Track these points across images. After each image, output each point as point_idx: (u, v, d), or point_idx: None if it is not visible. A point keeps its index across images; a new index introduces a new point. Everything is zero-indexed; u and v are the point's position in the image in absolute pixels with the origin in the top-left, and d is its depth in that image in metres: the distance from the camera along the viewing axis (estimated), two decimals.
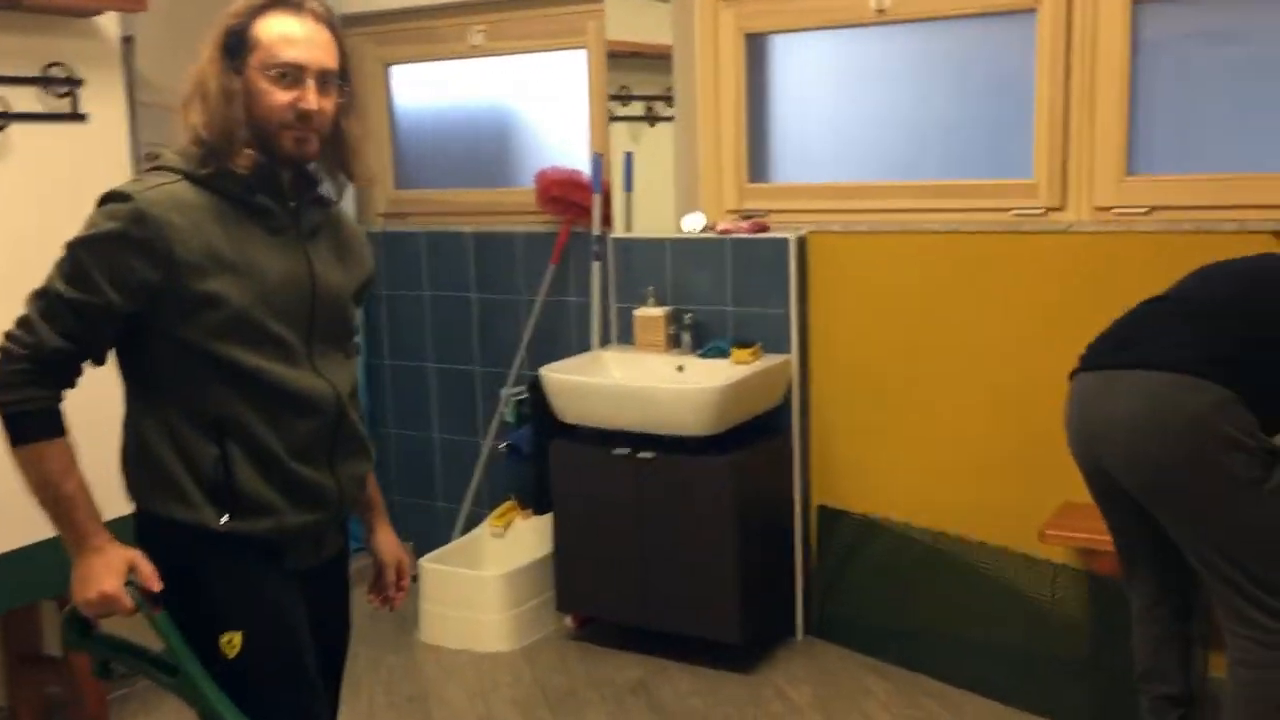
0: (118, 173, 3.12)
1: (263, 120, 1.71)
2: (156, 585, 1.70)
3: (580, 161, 3.75)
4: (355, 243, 1.95)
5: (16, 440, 1.66)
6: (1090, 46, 2.99)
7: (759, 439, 3.31)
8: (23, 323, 1.68)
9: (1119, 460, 2.28)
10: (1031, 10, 3.05)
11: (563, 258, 3.79)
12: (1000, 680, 3.05)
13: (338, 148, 1.81)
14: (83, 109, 3.06)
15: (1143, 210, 2.99)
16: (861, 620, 3.41)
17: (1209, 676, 2.92)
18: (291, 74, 1.71)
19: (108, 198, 1.69)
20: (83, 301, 1.65)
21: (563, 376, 3.31)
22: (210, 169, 1.71)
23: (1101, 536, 2.68)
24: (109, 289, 1.64)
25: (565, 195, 3.68)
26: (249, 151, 1.72)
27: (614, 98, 3.59)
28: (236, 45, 1.71)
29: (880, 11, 3.24)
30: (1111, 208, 3.02)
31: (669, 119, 3.52)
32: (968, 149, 3.28)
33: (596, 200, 3.63)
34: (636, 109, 3.57)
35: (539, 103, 3.97)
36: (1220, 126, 2.94)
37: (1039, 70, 3.06)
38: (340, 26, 1.80)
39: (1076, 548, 3.00)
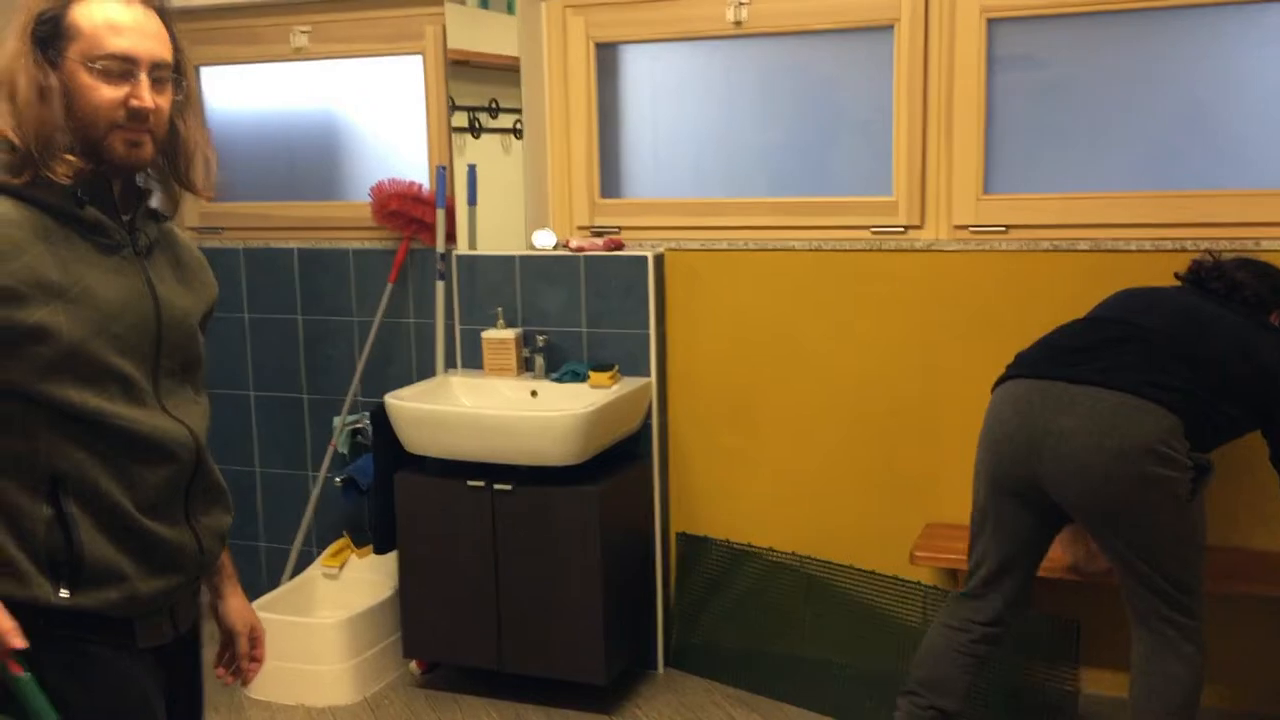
0: None
1: (87, 121, 1.46)
2: (18, 641, 1.40)
3: (417, 174, 3.52)
4: (195, 262, 1.70)
5: None
6: (947, 63, 2.99)
7: (620, 466, 3.17)
8: None
9: (1063, 471, 2.35)
10: (889, 26, 3.03)
11: (401, 276, 3.55)
12: (871, 706, 3.00)
13: (174, 152, 1.57)
14: None
15: (1000, 229, 3.00)
16: (724, 650, 3.31)
17: (1085, 693, 2.96)
18: (120, 67, 1.46)
19: None
20: None
21: (412, 405, 3.08)
22: (24, 178, 1.44)
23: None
24: None
25: (404, 210, 3.44)
26: (69, 158, 1.45)
27: (463, 109, 3.38)
28: (50, 34, 1.45)
29: (737, 24, 3.16)
30: (969, 226, 3.03)
31: (495, 130, 3.34)
32: (827, 166, 3.23)
33: (440, 215, 3.41)
34: (460, 119, 3.37)
35: (371, 111, 3.72)
36: (1076, 145, 2.99)
37: (897, 86, 3.04)
38: (171, 14, 1.55)
39: (946, 568, 2.99)
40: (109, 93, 1.45)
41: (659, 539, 3.33)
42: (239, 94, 3.84)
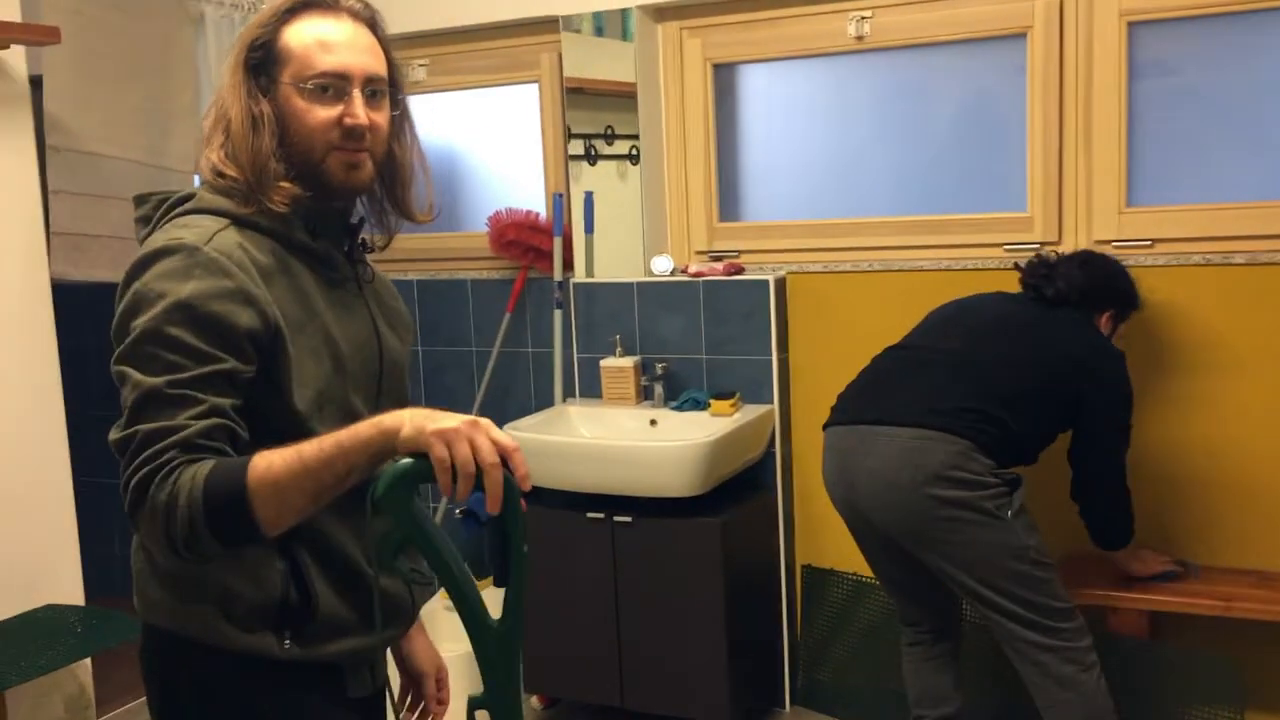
0: (26, 224, 2.80)
1: (303, 145, 1.41)
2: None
3: (532, 203, 3.50)
4: (391, 296, 1.64)
5: (224, 516, 1.25)
6: (1085, 71, 2.83)
7: (743, 497, 3.06)
8: (132, 443, 1.28)
9: (876, 508, 2.48)
10: (1022, 34, 2.89)
11: (519, 306, 3.52)
12: None
13: (390, 176, 1.50)
14: None
15: (1145, 243, 2.82)
16: (853, 687, 3.17)
17: None
18: (333, 85, 1.41)
19: (160, 254, 1.33)
20: (202, 375, 1.29)
21: (528, 435, 3.03)
22: (252, 208, 1.40)
23: (1115, 593, 2.69)
24: (224, 352, 1.31)
25: (522, 239, 3.42)
26: (285, 185, 1.40)
27: (578, 136, 3.35)
28: (263, 61, 1.41)
29: (859, 39, 3.06)
30: (1111, 241, 2.85)
31: (610, 157, 3.29)
32: (956, 182, 3.10)
33: (558, 243, 3.37)
34: (575, 147, 3.33)
35: (487, 141, 3.71)
36: (1227, 152, 2.79)
37: (1030, 97, 2.90)
38: (385, 28, 1.50)
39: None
40: (322, 113, 1.40)
41: (783, 572, 3.22)
42: None
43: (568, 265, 3.39)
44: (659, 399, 3.23)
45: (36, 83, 2.91)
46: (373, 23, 1.49)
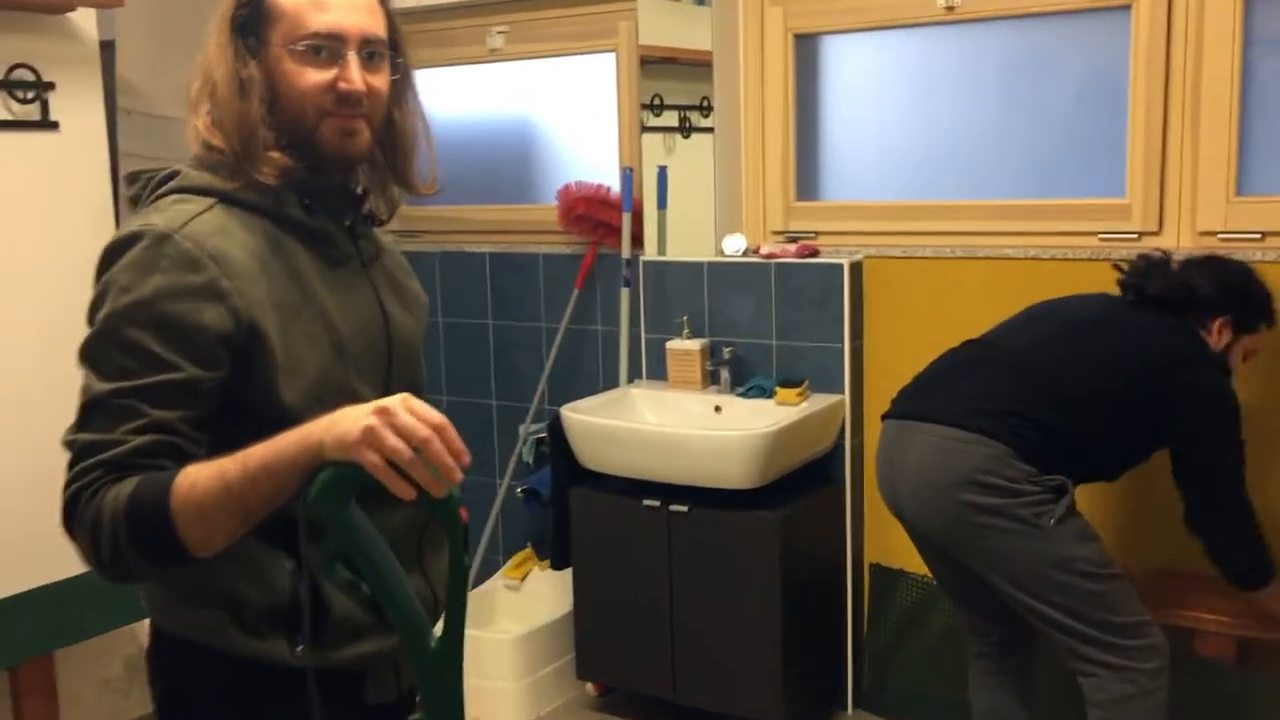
0: (95, 188, 2.80)
1: (294, 110, 1.31)
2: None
3: (608, 176, 3.39)
4: (403, 272, 1.53)
5: (148, 538, 1.18)
6: (1194, 46, 2.60)
7: (807, 490, 2.93)
8: (72, 452, 1.22)
9: (914, 510, 2.35)
10: (1125, 6, 2.66)
11: (588, 282, 3.43)
12: None
13: (390, 144, 1.40)
14: (54, 116, 2.74)
15: (1255, 236, 2.59)
16: (920, 693, 3.02)
17: None
18: (327, 46, 1.30)
19: (128, 242, 1.25)
20: (149, 386, 1.21)
21: (586, 418, 2.94)
22: (239, 182, 1.31)
23: (1196, 614, 2.50)
24: (181, 359, 1.22)
25: (591, 213, 3.32)
26: (274, 155, 1.31)
27: (646, 106, 3.23)
28: (252, 19, 1.31)
29: (949, 9, 2.86)
30: (1217, 233, 2.62)
31: (705, 130, 3.15)
32: (1049, 164, 2.89)
33: (626, 219, 3.27)
34: (670, 119, 3.20)
35: (563, 112, 3.62)
36: None
37: (1133, 74, 2.67)
38: None
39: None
40: (314, 76, 1.30)
41: (850, 570, 3.08)
42: (436, 97, 3.82)
43: (637, 242, 3.28)
44: (725, 384, 3.10)
45: (108, 46, 2.91)
46: None
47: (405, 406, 1.12)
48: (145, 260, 1.24)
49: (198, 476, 1.17)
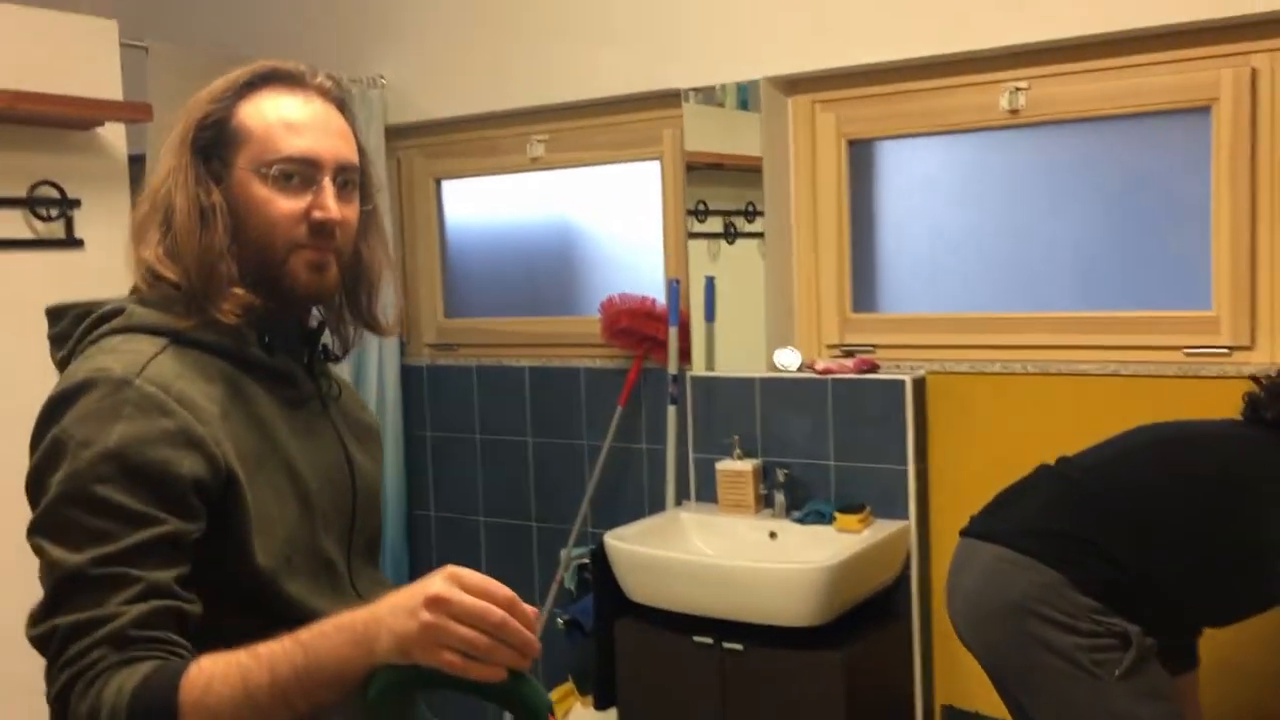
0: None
1: (261, 241, 1.20)
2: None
3: (653, 287, 3.25)
4: (358, 406, 1.42)
5: None
6: None
7: (871, 626, 2.70)
8: (52, 642, 1.05)
9: (969, 640, 2.16)
10: (1205, 108, 2.51)
11: (632, 399, 3.26)
12: None
13: (355, 280, 1.30)
14: (79, 233, 2.65)
15: None
16: None
17: None
18: (300, 172, 1.21)
19: (78, 390, 1.11)
20: (133, 546, 1.05)
21: (630, 547, 2.75)
22: (194, 321, 1.18)
23: None
24: (162, 511, 1.08)
25: (636, 327, 3.16)
26: (237, 292, 1.19)
27: (690, 213, 3.10)
28: (214, 141, 1.20)
29: (1013, 112, 2.72)
30: None
31: (750, 235, 3.01)
32: (1126, 274, 2.71)
33: (673, 333, 3.11)
34: (714, 225, 3.07)
35: (607, 221, 3.50)
36: None
37: (1216, 177, 2.51)
38: (353, 110, 1.29)
39: None
40: (286, 205, 1.20)
41: (920, 713, 2.83)
42: (475, 206, 3.73)
43: (685, 356, 3.12)
44: (780, 508, 2.90)
45: (138, 160, 2.83)
46: (342, 103, 1.28)
47: (460, 585, 0.98)
48: (104, 409, 1.09)
49: (212, 677, 1.00)
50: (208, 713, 0.99)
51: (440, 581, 0.98)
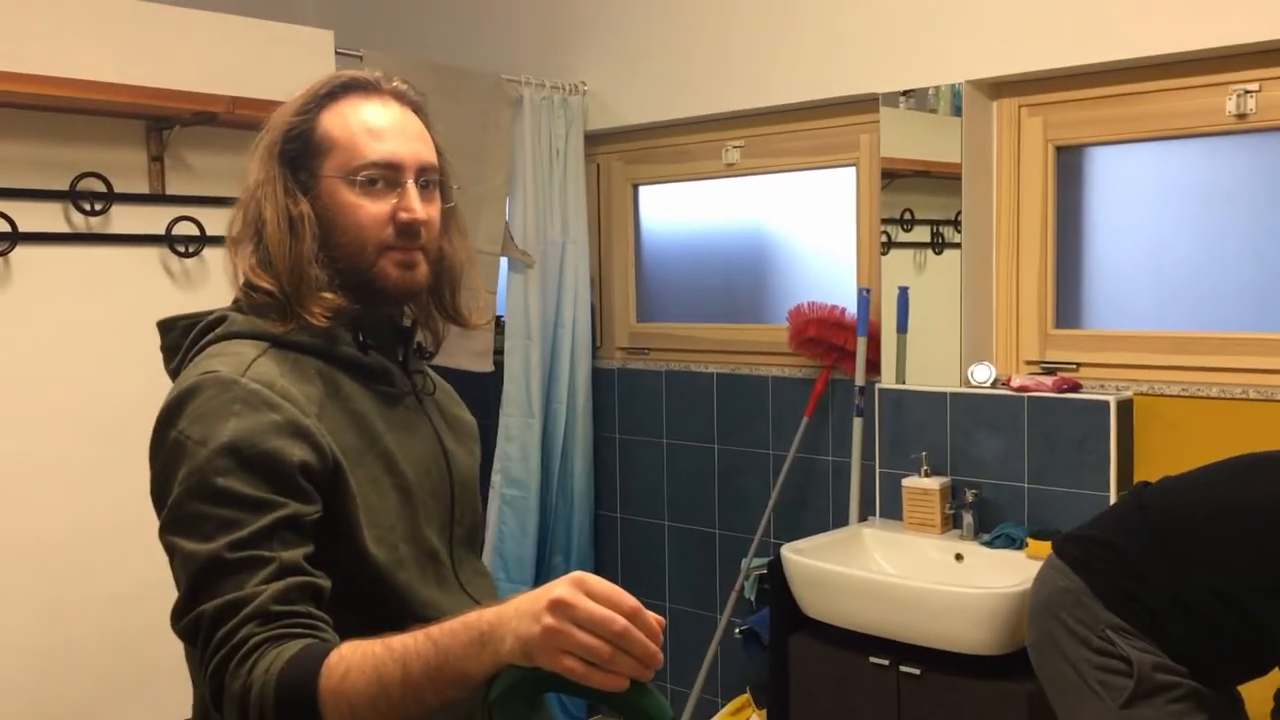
0: None
1: (352, 245, 1.24)
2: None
3: (847, 296, 3.17)
4: (454, 401, 1.46)
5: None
6: None
7: None
8: (201, 627, 1.09)
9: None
10: None
11: (819, 409, 3.19)
12: None
13: (440, 278, 1.34)
14: None
15: None
16: None
17: None
18: (384, 176, 1.25)
19: (189, 393, 1.16)
20: (262, 530, 1.10)
21: (808, 561, 2.69)
22: (290, 325, 1.23)
23: None
24: (282, 496, 1.12)
25: (824, 336, 3.10)
26: (326, 296, 1.24)
27: (895, 221, 3.01)
28: (300, 152, 1.25)
29: (1240, 116, 2.52)
30: None
31: (959, 246, 2.89)
32: None
33: (861, 344, 3.03)
34: (921, 234, 2.97)
35: (801, 227, 3.44)
36: None
37: None
38: (428, 112, 1.33)
39: None
40: (374, 208, 1.25)
41: None
42: (671, 212, 3.74)
43: (873, 368, 3.03)
44: (968, 530, 2.78)
45: None
46: (418, 107, 1.31)
47: (585, 591, 0.97)
48: (215, 408, 1.14)
49: (350, 665, 1.02)
50: (344, 701, 1.02)
51: (565, 586, 0.97)
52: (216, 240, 2.63)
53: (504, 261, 3.44)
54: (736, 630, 3.19)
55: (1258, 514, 1.89)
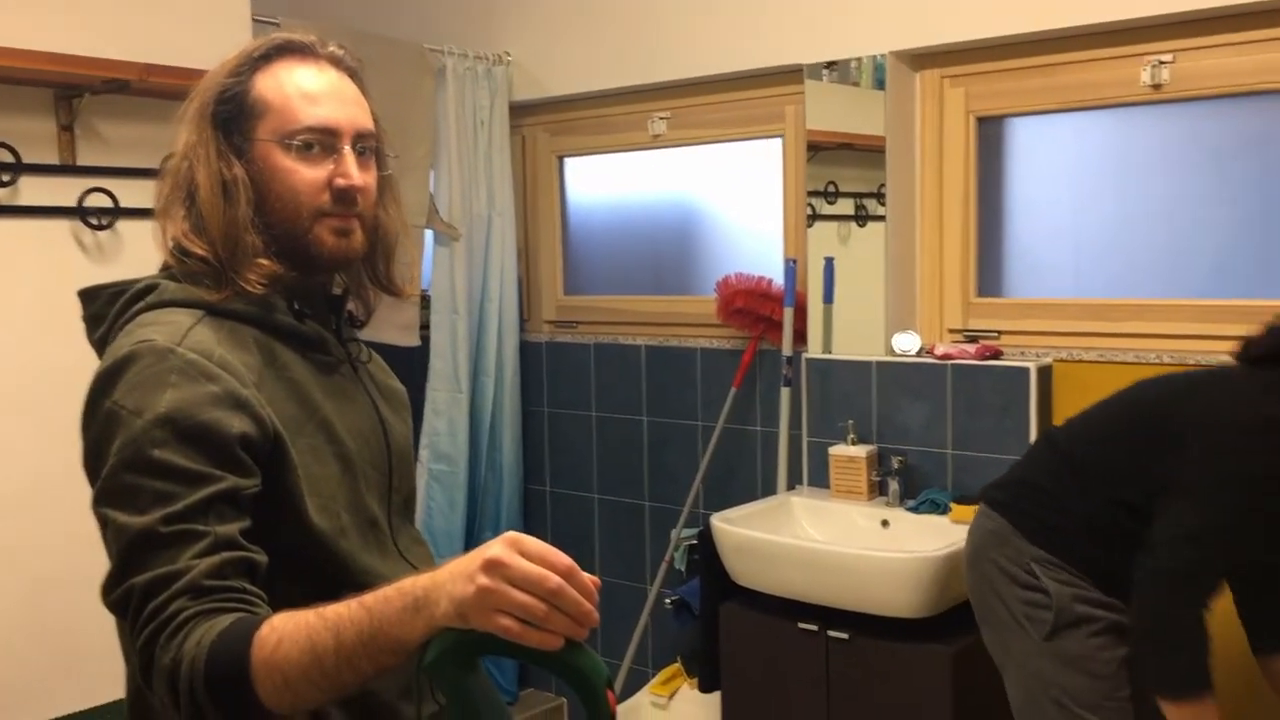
0: None
1: (287, 212, 1.22)
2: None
3: (774, 268, 3.19)
4: (385, 372, 1.45)
5: (227, 702, 1.02)
6: None
7: None
8: (130, 601, 1.07)
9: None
10: None
11: (747, 380, 3.21)
12: None
13: (373, 247, 1.32)
14: None
15: None
16: None
17: None
18: (320, 141, 1.23)
19: (124, 363, 1.13)
20: (198, 503, 1.08)
21: (737, 530, 2.71)
22: (225, 293, 1.21)
23: None
24: (219, 469, 1.10)
25: (752, 307, 3.11)
26: (262, 263, 1.21)
27: (820, 194, 3.02)
28: (234, 114, 1.22)
29: (1155, 87, 2.57)
30: None
31: (882, 218, 2.92)
32: (1267, 262, 2.54)
33: (788, 314, 3.05)
34: (845, 207, 2.99)
35: (728, 200, 3.45)
36: None
37: None
38: (364, 78, 1.31)
39: None
40: (309, 174, 1.23)
41: None
42: (597, 183, 3.72)
43: (800, 338, 3.06)
44: (894, 496, 2.82)
45: None
46: (354, 73, 1.29)
47: (519, 550, 0.96)
48: (151, 378, 1.11)
49: (283, 636, 1.01)
50: (277, 672, 1.00)
51: (500, 546, 0.97)
52: (130, 213, 2.57)
53: (429, 235, 3.40)
54: (667, 600, 3.20)
55: (1139, 418, 1.99)
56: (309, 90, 1.23)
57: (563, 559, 0.97)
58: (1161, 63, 2.55)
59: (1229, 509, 1.82)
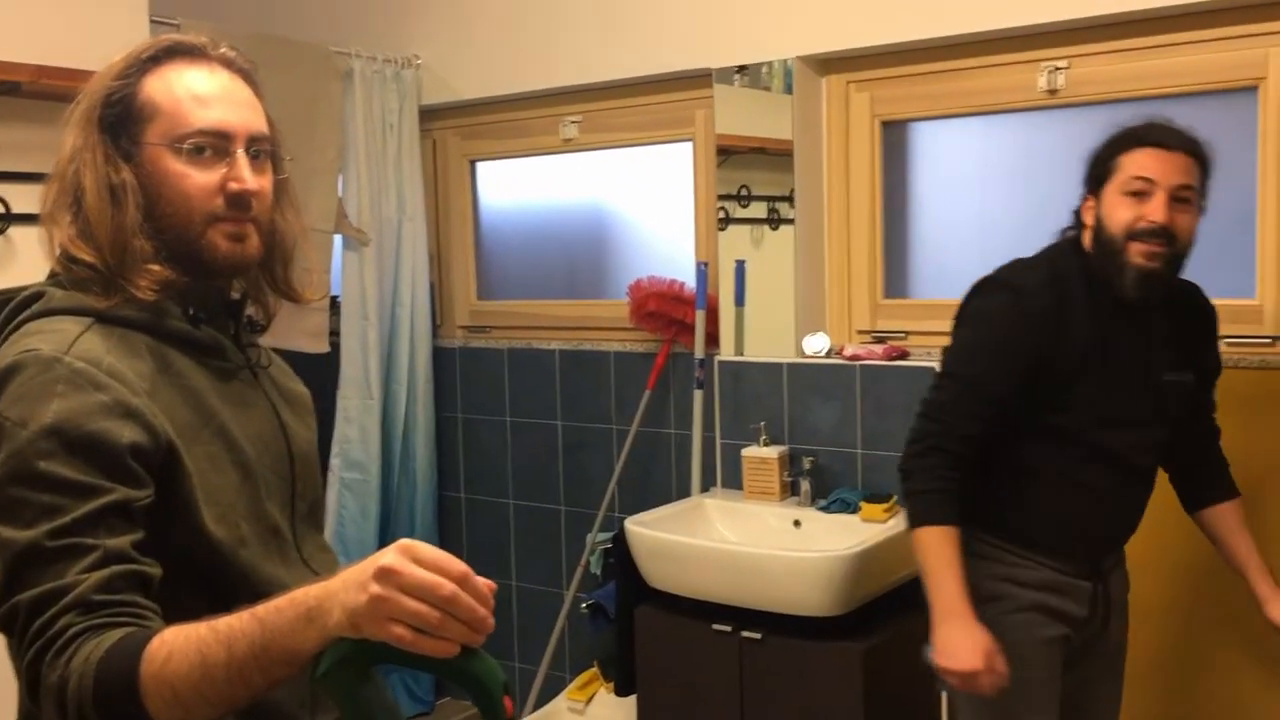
0: None
1: (178, 217, 1.19)
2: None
3: (687, 271, 3.20)
4: (287, 376, 1.43)
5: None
6: None
7: (894, 618, 2.64)
8: (17, 619, 1.04)
9: None
10: (1252, 86, 2.41)
11: (661, 382, 3.22)
12: None
13: (270, 252, 1.29)
14: None
15: None
16: None
17: None
18: (212, 145, 1.20)
19: (8, 373, 1.10)
20: (86, 516, 1.05)
21: (651, 533, 2.71)
22: (115, 299, 1.18)
23: None
24: (108, 481, 1.07)
25: (664, 310, 3.13)
26: (152, 268, 1.18)
27: (732, 198, 3.04)
28: (121, 117, 1.19)
29: (1052, 92, 2.64)
30: None
31: (793, 222, 2.95)
32: None
33: (700, 317, 3.06)
34: (758, 210, 3.01)
35: (640, 203, 3.46)
36: None
37: (1262, 161, 2.42)
38: (259, 81, 1.28)
39: None
40: (201, 178, 1.20)
41: (945, 709, 2.76)
42: (508, 189, 3.71)
43: (712, 340, 3.08)
44: (805, 496, 2.85)
45: None
46: (247, 74, 1.26)
47: (412, 558, 0.95)
48: (37, 388, 1.08)
49: (173, 650, 0.99)
50: (166, 686, 0.98)
51: (392, 554, 0.96)
52: (22, 218, 2.49)
53: (338, 240, 3.36)
54: (583, 605, 3.19)
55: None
56: (200, 92, 1.21)
57: (457, 565, 0.96)
58: (1057, 69, 2.62)
59: (957, 350, 2.11)
